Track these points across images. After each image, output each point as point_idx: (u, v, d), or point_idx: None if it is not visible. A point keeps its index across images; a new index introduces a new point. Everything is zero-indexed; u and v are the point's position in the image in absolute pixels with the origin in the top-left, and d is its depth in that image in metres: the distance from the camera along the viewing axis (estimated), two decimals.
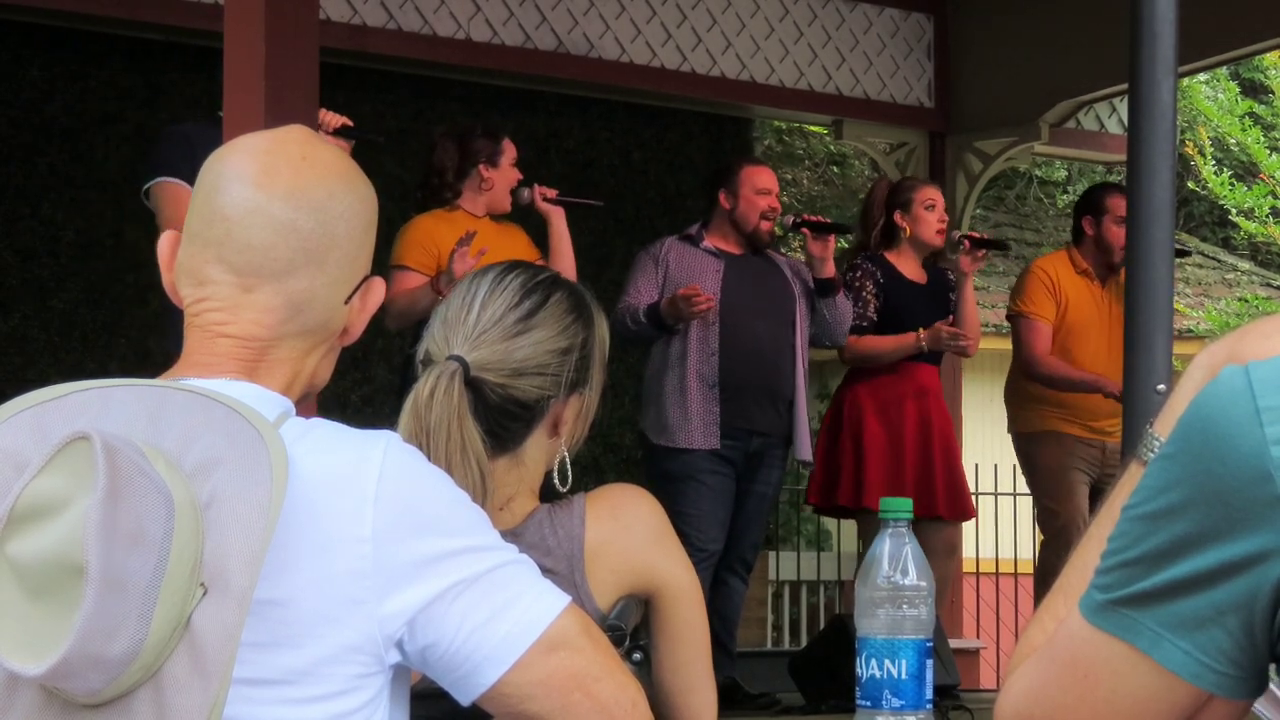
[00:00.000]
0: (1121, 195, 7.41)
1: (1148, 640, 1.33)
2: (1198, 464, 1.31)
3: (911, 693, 2.36)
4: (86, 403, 1.91)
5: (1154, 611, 1.33)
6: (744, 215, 6.96)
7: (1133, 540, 1.34)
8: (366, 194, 2.08)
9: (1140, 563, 1.33)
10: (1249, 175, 15.79)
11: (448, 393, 2.44)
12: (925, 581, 2.39)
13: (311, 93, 5.41)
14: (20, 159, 8.43)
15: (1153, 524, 1.33)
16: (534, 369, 2.51)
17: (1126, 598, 1.34)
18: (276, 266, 2.00)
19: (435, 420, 2.43)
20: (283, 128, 2.11)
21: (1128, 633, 1.34)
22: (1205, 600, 1.31)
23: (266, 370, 2.01)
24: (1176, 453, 1.33)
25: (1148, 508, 1.34)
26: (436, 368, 2.48)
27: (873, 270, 7.23)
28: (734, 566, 6.96)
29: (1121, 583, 1.35)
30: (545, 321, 2.53)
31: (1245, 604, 1.30)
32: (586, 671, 2.00)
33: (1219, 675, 1.33)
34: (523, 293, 2.54)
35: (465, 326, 2.51)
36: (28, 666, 1.76)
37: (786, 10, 8.77)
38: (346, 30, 7.64)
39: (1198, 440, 1.31)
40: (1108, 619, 1.35)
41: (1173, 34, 4.02)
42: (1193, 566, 1.31)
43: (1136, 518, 1.35)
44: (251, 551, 1.82)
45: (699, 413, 6.78)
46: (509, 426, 2.52)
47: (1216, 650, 1.32)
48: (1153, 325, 4.00)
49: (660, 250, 6.95)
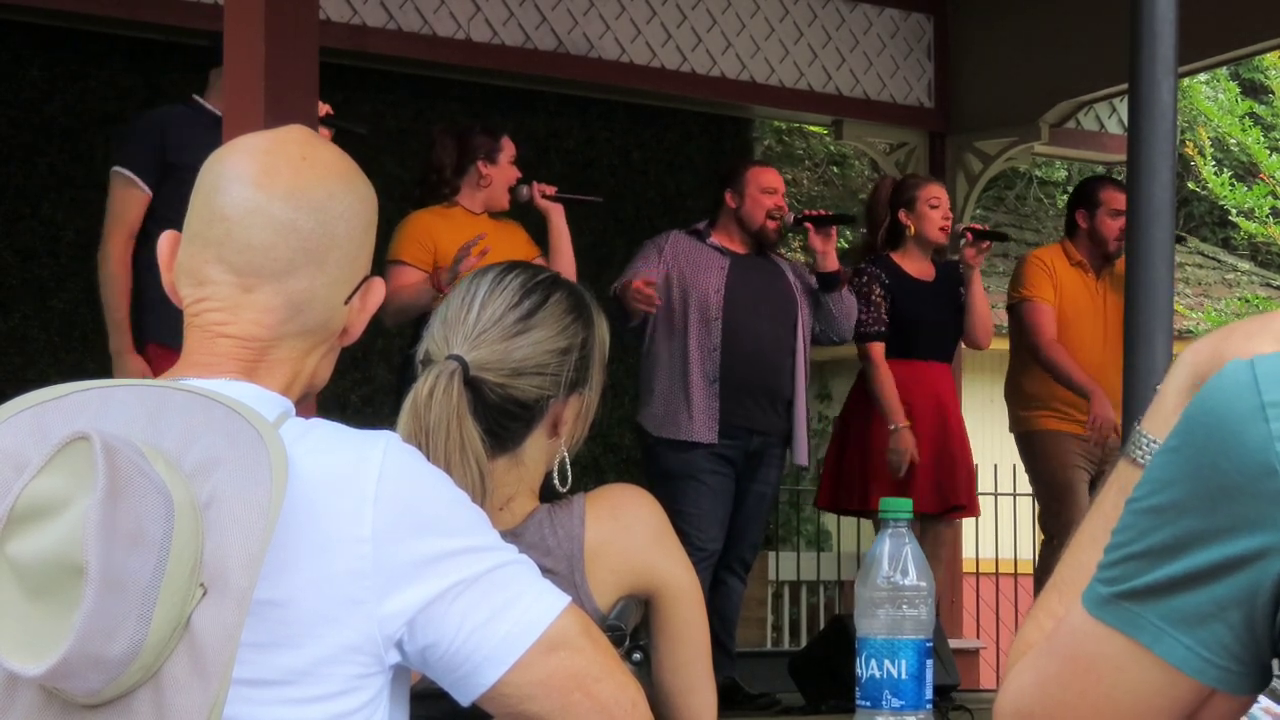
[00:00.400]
0: (1114, 188, 7.46)
1: (1150, 635, 1.33)
2: (1202, 458, 1.31)
3: (911, 693, 2.36)
4: (86, 403, 1.91)
5: (1156, 606, 1.33)
6: (749, 214, 6.97)
7: (1137, 534, 1.34)
8: (366, 194, 2.08)
9: (1144, 556, 1.33)
10: (1249, 175, 15.80)
11: (446, 392, 2.44)
12: (925, 581, 2.39)
13: (311, 93, 5.40)
14: (20, 159, 8.43)
15: (1157, 518, 1.33)
16: (533, 369, 2.51)
17: (1130, 591, 1.34)
18: (276, 266, 2.00)
19: (434, 420, 2.43)
20: (283, 128, 2.11)
21: (1130, 627, 1.34)
22: (1207, 595, 1.31)
23: (266, 370, 2.01)
24: (1181, 445, 1.33)
25: (1152, 501, 1.34)
26: (436, 367, 2.48)
27: (878, 274, 7.23)
28: (733, 566, 6.96)
29: (1125, 576, 1.34)
30: (545, 321, 2.53)
31: (1247, 599, 1.30)
32: (587, 671, 2.00)
33: (1221, 670, 1.32)
34: (522, 292, 2.54)
35: (465, 326, 2.52)
36: (27, 666, 1.76)
37: (786, 10, 8.77)
38: (346, 30, 7.63)
39: (1201, 434, 1.31)
40: (1111, 613, 1.35)
41: (1173, 34, 4.03)
42: (1195, 562, 1.31)
43: (1141, 511, 1.34)
44: (251, 552, 1.82)
45: (699, 406, 6.79)
46: (508, 426, 2.52)
47: (1219, 645, 1.31)
48: (1153, 325, 4.00)
49: (665, 240, 6.98)
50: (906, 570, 2.39)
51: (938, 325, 7.30)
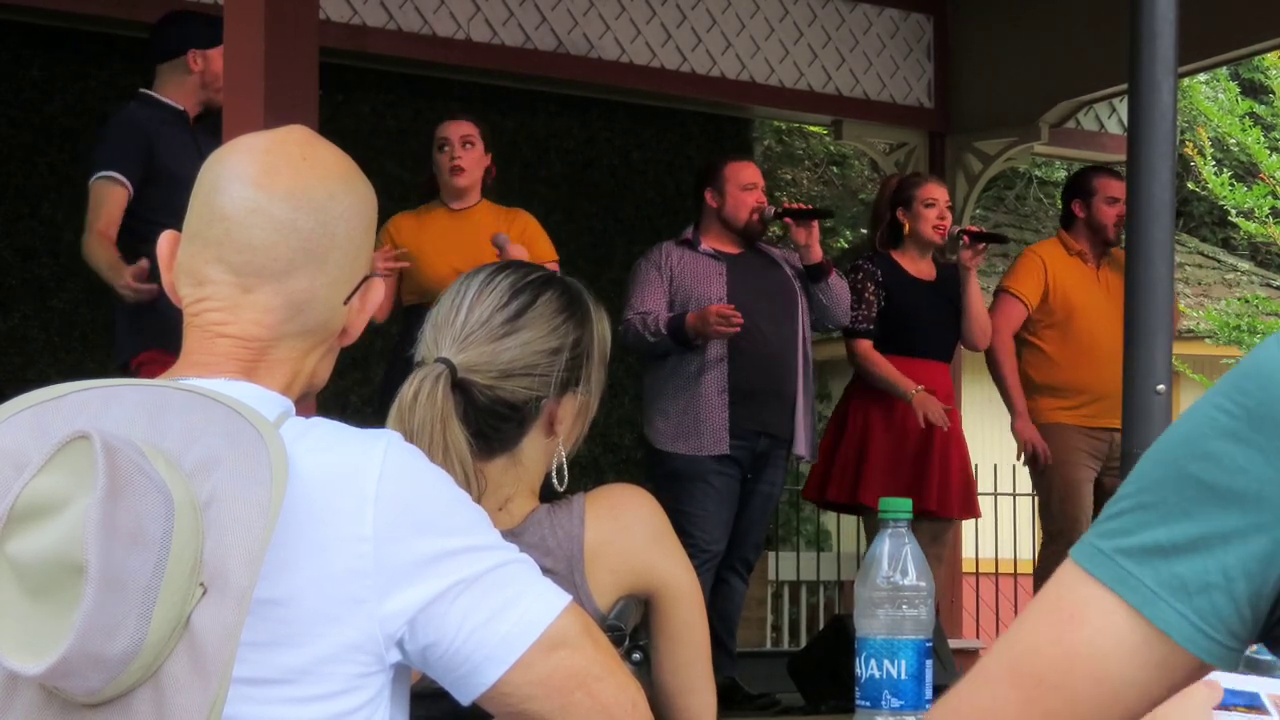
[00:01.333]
0: (1109, 176, 7.51)
1: (1141, 597, 1.29)
2: (1254, 416, 1.26)
3: (911, 693, 2.36)
4: (86, 402, 1.91)
5: (1156, 567, 1.28)
6: (733, 213, 6.95)
7: (1150, 484, 1.30)
8: (367, 194, 2.08)
9: (1153, 509, 1.29)
10: (1249, 175, 15.79)
11: (431, 395, 2.44)
12: (925, 582, 2.40)
13: (311, 93, 5.40)
14: (20, 159, 8.42)
15: (1177, 471, 1.29)
16: (522, 370, 2.51)
17: (1133, 549, 1.29)
18: (276, 266, 2.00)
19: (419, 423, 2.43)
20: (283, 128, 2.11)
21: (1121, 585, 1.30)
22: (1216, 563, 1.27)
23: (266, 370, 2.01)
24: (1227, 401, 1.28)
25: (1177, 453, 1.29)
26: (422, 370, 2.48)
27: (873, 270, 7.21)
28: (736, 566, 6.95)
29: (1129, 529, 1.30)
30: (533, 322, 2.53)
31: (1259, 572, 1.26)
32: (587, 671, 2.00)
33: (1211, 642, 1.29)
34: (511, 293, 2.54)
35: (453, 328, 2.52)
36: (27, 666, 1.76)
37: (786, 10, 8.77)
38: (346, 30, 7.64)
39: (1256, 392, 1.27)
40: (1106, 568, 1.30)
41: (1173, 34, 4.03)
42: (1213, 525, 1.27)
43: (1161, 461, 1.30)
44: (251, 551, 1.82)
45: (711, 420, 6.77)
46: (499, 428, 2.51)
47: (1216, 618, 1.28)
48: (1152, 325, 4.00)
49: (661, 257, 6.91)
50: (906, 570, 2.39)
51: (937, 325, 7.29)
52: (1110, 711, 1.31)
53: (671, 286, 6.85)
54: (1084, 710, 1.31)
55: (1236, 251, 16.75)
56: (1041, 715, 1.31)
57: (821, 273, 6.96)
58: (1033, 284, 7.38)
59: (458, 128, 6.68)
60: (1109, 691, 1.30)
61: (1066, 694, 1.31)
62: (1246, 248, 16.85)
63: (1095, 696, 1.31)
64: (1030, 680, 1.32)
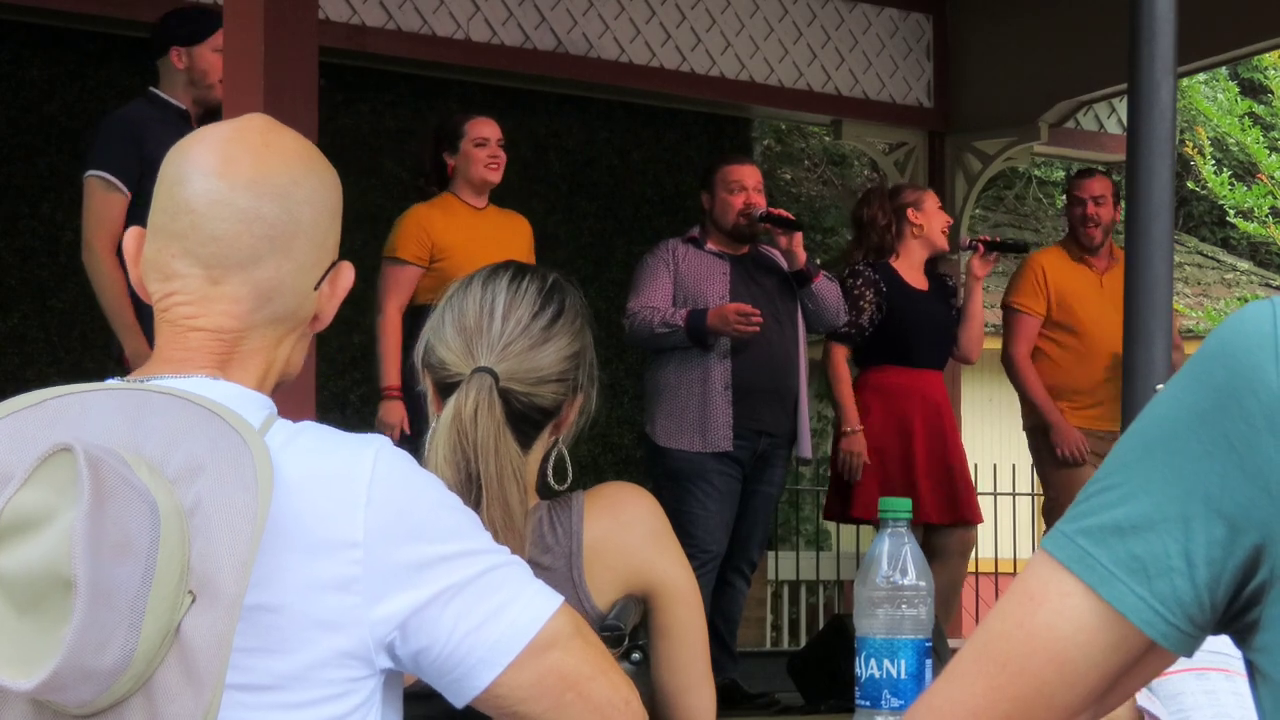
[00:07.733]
0: (1082, 176, 7.65)
1: (1098, 576, 1.28)
2: (1216, 397, 1.26)
3: (911, 693, 2.36)
4: (64, 409, 1.89)
5: (1112, 546, 1.27)
6: (720, 214, 6.97)
7: (1118, 466, 1.29)
8: (330, 179, 2.06)
9: (1120, 488, 1.28)
10: (1248, 175, 15.80)
11: (491, 408, 2.44)
12: (924, 581, 2.39)
13: (311, 93, 5.41)
14: (20, 159, 8.42)
15: (1146, 454, 1.28)
16: (555, 376, 2.52)
17: (1092, 528, 1.29)
18: (242, 256, 1.98)
19: (482, 436, 2.42)
20: (243, 116, 2.08)
21: (1078, 564, 1.29)
22: (1178, 546, 1.26)
23: (239, 363, 2.00)
24: (1192, 383, 1.28)
25: (1148, 435, 1.29)
26: (474, 382, 2.46)
27: (874, 279, 7.22)
28: (740, 567, 6.94)
29: (1092, 510, 1.29)
30: (564, 329, 2.53)
31: (1220, 558, 1.25)
32: (579, 671, 2.00)
33: (1170, 627, 1.28)
34: (541, 299, 2.54)
35: (490, 336, 2.50)
36: (18, 681, 1.75)
37: (786, 10, 8.77)
38: (346, 30, 7.64)
39: (1220, 372, 1.27)
40: (1064, 549, 1.29)
41: (1173, 34, 4.03)
42: (1175, 507, 1.26)
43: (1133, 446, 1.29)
44: (240, 557, 1.81)
45: (714, 417, 6.77)
46: (528, 432, 2.52)
47: (1176, 602, 1.27)
48: (1152, 325, 4.01)
49: (667, 253, 6.93)
50: (906, 570, 2.39)
51: (934, 334, 7.32)
52: (1074, 694, 1.30)
53: (675, 283, 6.86)
54: (1049, 694, 1.30)
55: (1236, 251, 16.75)
56: (1010, 701, 1.31)
57: (806, 278, 6.96)
58: (1035, 294, 7.43)
59: (493, 127, 6.74)
60: (1071, 674, 1.30)
61: (1030, 678, 1.30)
62: (1246, 247, 16.85)
63: (1058, 680, 1.30)
64: (995, 666, 1.31)
